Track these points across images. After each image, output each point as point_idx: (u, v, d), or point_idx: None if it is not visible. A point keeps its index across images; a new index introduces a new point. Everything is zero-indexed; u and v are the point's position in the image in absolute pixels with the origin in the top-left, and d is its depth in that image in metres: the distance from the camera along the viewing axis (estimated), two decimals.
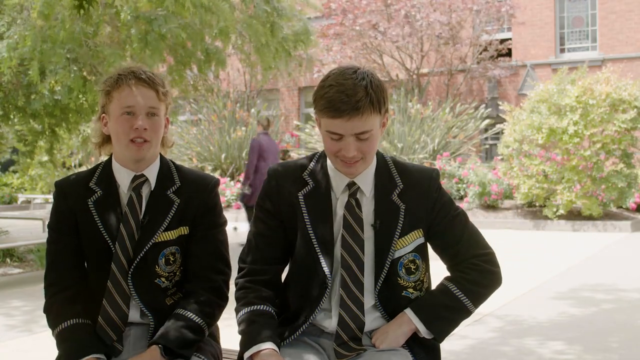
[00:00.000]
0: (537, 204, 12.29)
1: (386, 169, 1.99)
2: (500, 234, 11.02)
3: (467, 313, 1.96)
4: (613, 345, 4.47)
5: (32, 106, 7.53)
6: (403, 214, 1.94)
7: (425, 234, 1.98)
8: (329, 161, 1.97)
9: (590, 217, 11.67)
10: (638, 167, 12.25)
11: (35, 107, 7.45)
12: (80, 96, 6.69)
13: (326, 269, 1.91)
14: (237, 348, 1.95)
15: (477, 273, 1.96)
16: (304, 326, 1.95)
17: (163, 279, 2.05)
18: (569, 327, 4.97)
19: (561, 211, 11.59)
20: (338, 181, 1.96)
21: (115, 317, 1.99)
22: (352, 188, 1.95)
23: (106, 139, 2.10)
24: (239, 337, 1.92)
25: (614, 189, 11.39)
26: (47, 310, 2.04)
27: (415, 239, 1.96)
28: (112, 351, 2.00)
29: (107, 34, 7.23)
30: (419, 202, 1.96)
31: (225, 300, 2.08)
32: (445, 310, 1.94)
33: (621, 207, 12.48)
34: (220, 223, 2.12)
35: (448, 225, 1.97)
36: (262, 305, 1.92)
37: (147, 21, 6.44)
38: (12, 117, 8.54)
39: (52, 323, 2.00)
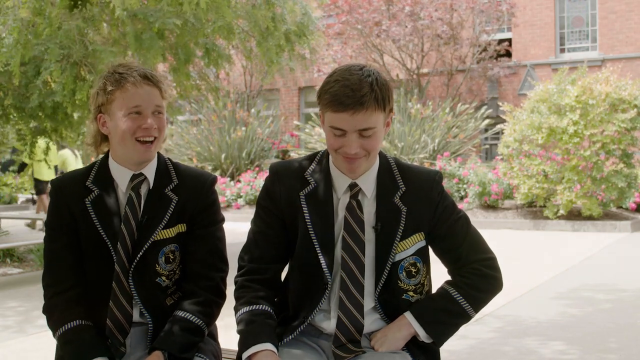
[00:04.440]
0: (537, 204, 12.28)
1: (389, 171, 1.97)
2: (500, 234, 11.01)
3: (467, 318, 1.95)
4: (613, 345, 4.47)
5: (29, 105, 7.50)
6: (404, 217, 1.92)
7: (427, 237, 1.97)
8: (331, 161, 1.96)
9: (590, 217, 11.67)
10: (638, 167, 12.23)
11: (32, 105, 7.42)
12: (74, 95, 6.64)
13: (326, 270, 1.90)
14: (236, 347, 1.94)
15: (478, 278, 1.95)
16: (301, 326, 1.94)
17: (164, 278, 2.04)
18: (569, 327, 4.96)
19: (561, 211, 11.58)
20: (340, 182, 1.94)
21: (121, 318, 1.99)
22: (354, 189, 1.93)
23: (103, 138, 2.07)
24: (238, 336, 1.91)
25: (614, 189, 11.38)
26: (47, 311, 2.02)
27: (416, 242, 1.95)
28: (116, 352, 1.99)
29: (105, 33, 7.21)
30: (420, 205, 1.94)
31: (223, 298, 2.08)
32: (445, 315, 1.93)
33: (621, 207, 12.47)
34: (217, 220, 2.12)
35: (450, 229, 1.96)
36: (260, 305, 1.91)
37: (144, 17, 6.42)
38: (11, 116, 8.53)
39: (54, 324, 1.98)
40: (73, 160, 13.44)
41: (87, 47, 6.45)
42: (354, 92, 1.77)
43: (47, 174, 12.65)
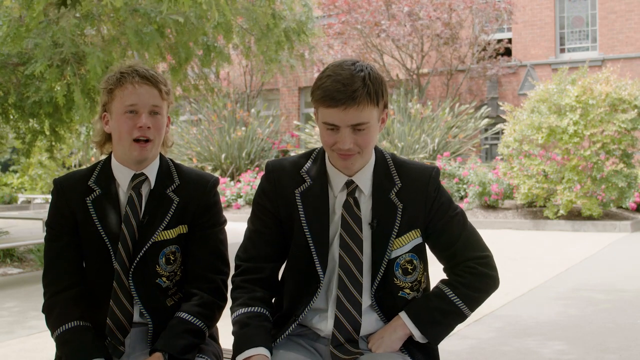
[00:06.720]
0: (537, 204, 12.29)
1: (385, 167, 1.96)
2: (500, 234, 11.01)
3: (462, 317, 1.94)
4: (612, 345, 4.47)
5: (27, 102, 7.48)
6: (400, 213, 1.91)
7: (423, 233, 1.95)
8: (327, 158, 1.94)
9: (590, 217, 11.67)
10: (638, 167, 12.24)
11: (29, 102, 7.41)
12: (59, 90, 6.61)
13: (319, 269, 1.89)
14: None
15: (474, 277, 1.92)
16: (293, 325, 1.93)
17: (164, 279, 2.04)
18: (569, 327, 4.96)
19: (561, 211, 11.59)
20: (336, 179, 1.93)
21: (122, 318, 1.99)
22: (351, 187, 1.92)
23: (107, 138, 2.08)
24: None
25: (614, 189, 11.38)
26: (47, 310, 2.02)
27: (412, 239, 1.93)
28: (114, 352, 1.99)
29: (104, 32, 7.20)
30: (416, 201, 1.92)
31: (224, 300, 2.08)
32: (440, 315, 1.91)
33: (621, 207, 12.47)
34: (219, 222, 2.12)
35: (445, 225, 1.94)
36: (256, 307, 1.89)
37: (144, 12, 6.40)
38: (10, 116, 8.52)
39: (53, 324, 1.98)
40: None
41: (79, 46, 6.44)
42: (345, 87, 1.75)
43: None
